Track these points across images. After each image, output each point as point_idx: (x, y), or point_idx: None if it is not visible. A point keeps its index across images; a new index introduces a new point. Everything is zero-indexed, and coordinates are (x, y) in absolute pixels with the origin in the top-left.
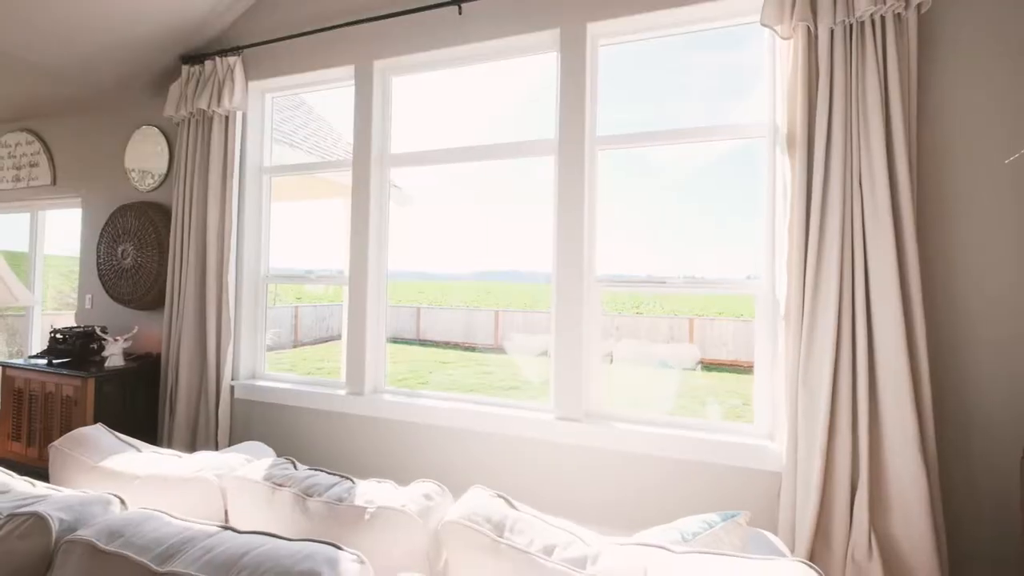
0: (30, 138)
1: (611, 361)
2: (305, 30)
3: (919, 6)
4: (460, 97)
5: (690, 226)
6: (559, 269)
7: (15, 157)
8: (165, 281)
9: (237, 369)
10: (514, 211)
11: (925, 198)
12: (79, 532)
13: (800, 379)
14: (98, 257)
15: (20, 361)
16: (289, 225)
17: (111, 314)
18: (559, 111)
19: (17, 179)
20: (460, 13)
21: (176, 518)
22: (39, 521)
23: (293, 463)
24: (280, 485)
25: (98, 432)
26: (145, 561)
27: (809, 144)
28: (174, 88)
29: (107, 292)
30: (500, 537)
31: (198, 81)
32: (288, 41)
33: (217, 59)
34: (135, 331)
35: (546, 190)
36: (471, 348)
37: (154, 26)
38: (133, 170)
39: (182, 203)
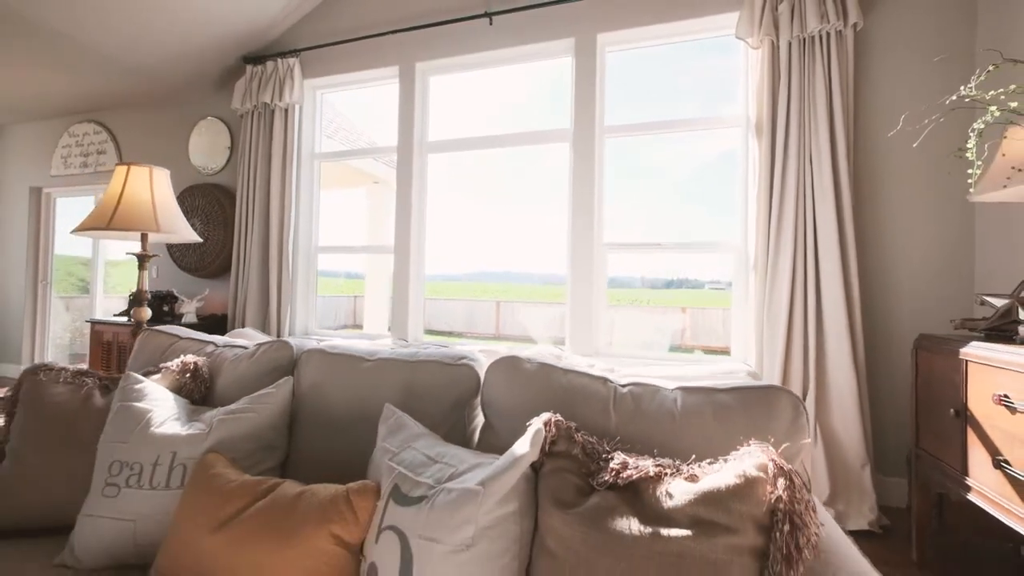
0: (97, 128)
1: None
2: (356, 36)
3: (855, 25)
4: (483, 93)
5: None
6: (573, 236)
7: (83, 145)
8: (231, 252)
9: (293, 326)
10: (520, 208)
11: (860, 173)
12: (309, 347)
13: (765, 313)
14: None
15: (108, 318)
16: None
17: (173, 282)
18: (573, 105)
19: (85, 165)
20: (491, 24)
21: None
22: (284, 343)
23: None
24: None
25: (253, 331)
26: (359, 354)
27: (772, 131)
28: (239, 84)
29: (175, 262)
30: (559, 362)
31: (260, 79)
32: (341, 45)
33: (278, 60)
34: (207, 293)
35: (553, 178)
36: (476, 337)
37: (223, 32)
38: (197, 155)
39: (247, 184)
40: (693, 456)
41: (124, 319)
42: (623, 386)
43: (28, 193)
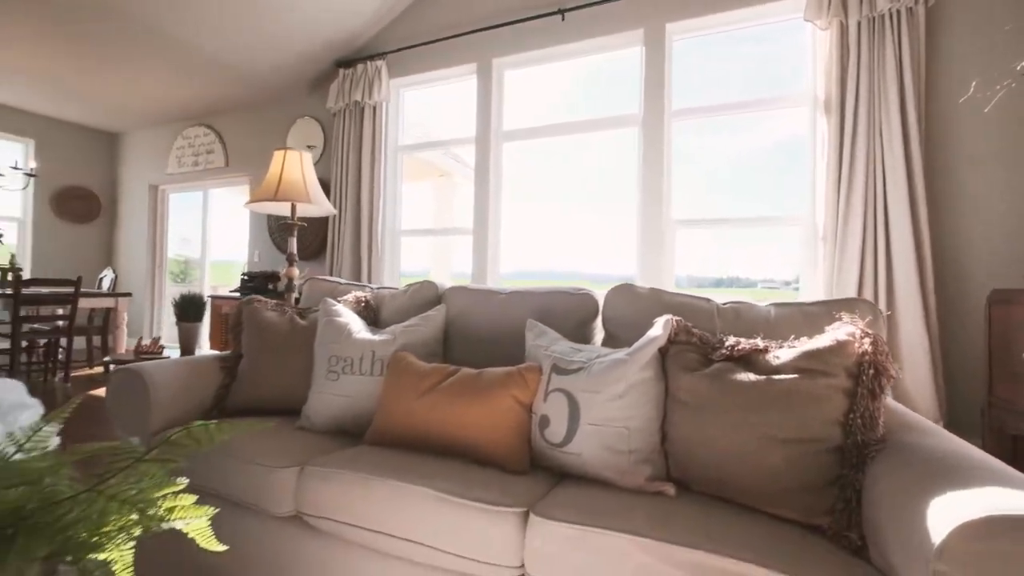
0: (207, 131)
1: None
2: (437, 37)
3: (926, 1)
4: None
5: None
6: (644, 213)
7: (194, 147)
8: (325, 236)
9: None
10: (570, 205)
11: (932, 142)
12: (451, 285)
13: (834, 283)
14: (268, 220)
15: (225, 293)
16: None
17: (273, 263)
18: (643, 91)
19: (196, 164)
20: (563, 20)
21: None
22: (431, 283)
23: None
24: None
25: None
26: (493, 290)
27: (841, 107)
28: (334, 86)
29: (275, 246)
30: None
31: (351, 80)
32: (423, 47)
33: (368, 62)
34: (307, 271)
35: (607, 169)
36: None
37: (320, 39)
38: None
39: (340, 174)
40: (792, 336)
41: (236, 294)
42: (723, 304)
43: (147, 190)
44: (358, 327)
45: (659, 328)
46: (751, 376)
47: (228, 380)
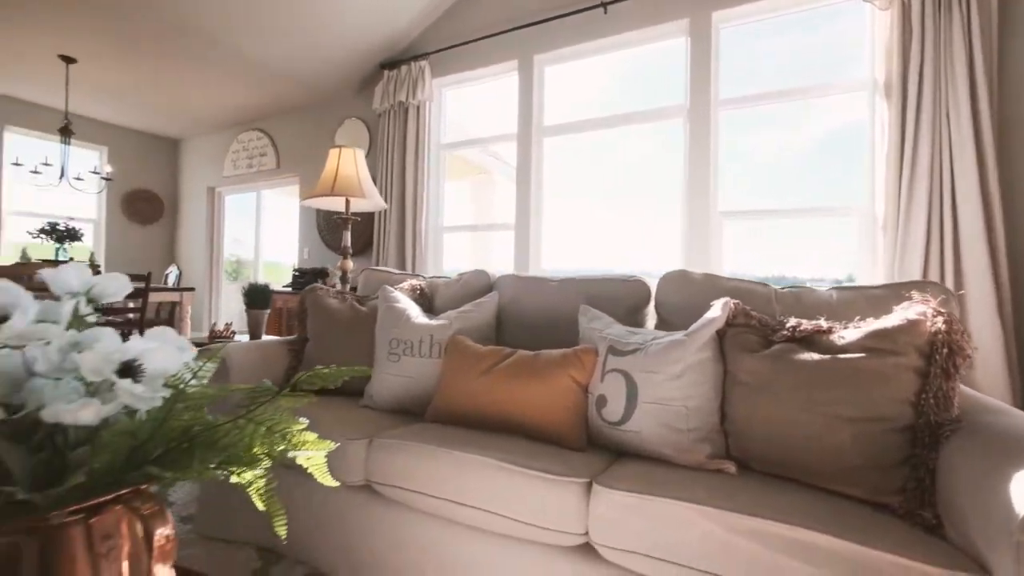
0: (259, 134)
1: None
2: (479, 36)
3: None
4: (588, 79)
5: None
6: (689, 205)
7: (248, 150)
8: (371, 233)
9: None
10: (605, 202)
11: (1005, 123)
12: (502, 274)
13: (895, 273)
14: (317, 219)
15: (279, 288)
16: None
17: (322, 260)
18: (689, 81)
19: (250, 166)
20: (605, 13)
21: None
22: (483, 272)
23: None
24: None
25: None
26: (544, 277)
27: (903, 90)
28: (379, 87)
29: (324, 243)
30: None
31: (396, 81)
32: (465, 46)
33: (412, 63)
34: (352, 266)
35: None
36: None
37: (365, 43)
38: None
39: (385, 172)
40: (857, 317)
41: (289, 289)
42: (781, 289)
43: (205, 192)
44: (415, 313)
45: (717, 310)
46: (814, 356)
47: (295, 362)
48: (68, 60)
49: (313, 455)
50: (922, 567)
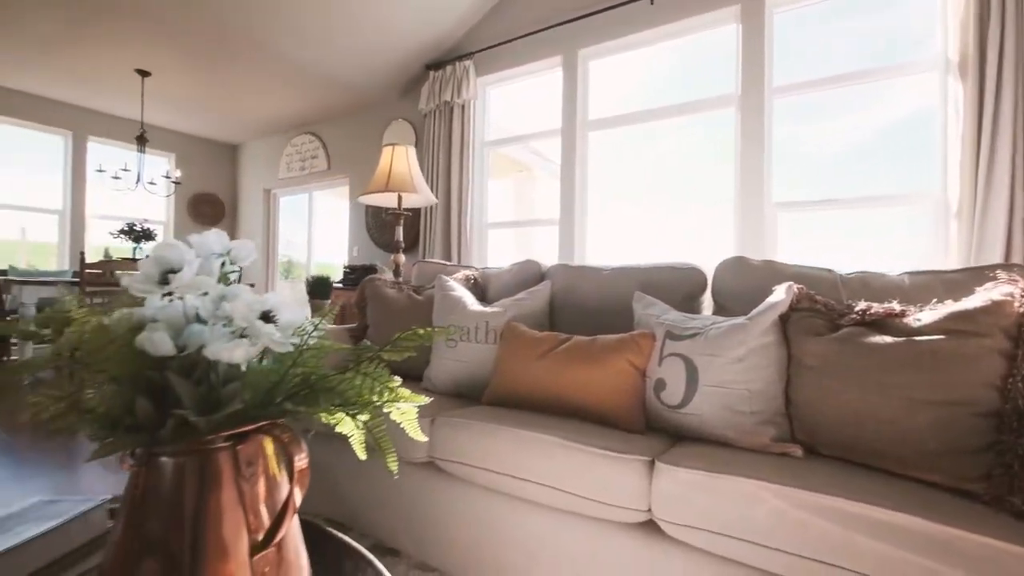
0: (311, 138)
1: None
2: (522, 33)
3: None
4: (632, 71)
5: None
6: (741, 197)
7: (301, 153)
8: (418, 230)
9: None
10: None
11: None
12: (554, 263)
13: (972, 260)
14: (366, 218)
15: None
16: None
17: (370, 258)
18: (740, 70)
19: (302, 168)
20: (652, 3)
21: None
22: (534, 262)
23: None
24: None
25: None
26: (596, 266)
27: (980, 67)
28: (425, 88)
29: (373, 241)
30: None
31: (441, 81)
32: (509, 43)
33: (456, 63)
34: (404, 260)
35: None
36: None
37: (412, 45)
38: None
39: (431, 171)
40: (934, 300)
41: (340, 285)
42: (847, 274)
43: (261, 194)
44: (471, 301)
45: (780, 294)
46: (887, 339)
47: None
48: (143, 74)
49: (406, 410)
50: (1018, 549)
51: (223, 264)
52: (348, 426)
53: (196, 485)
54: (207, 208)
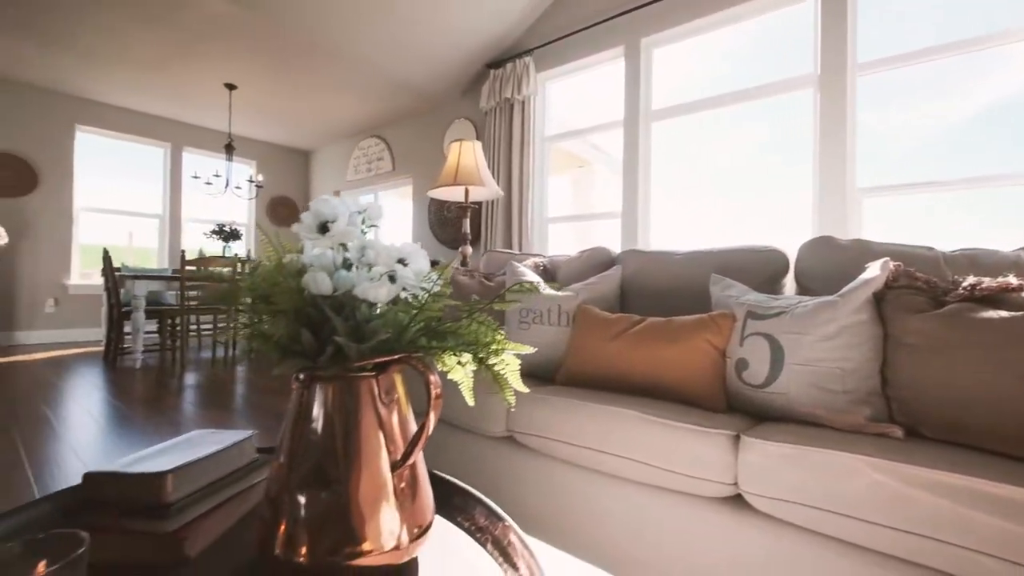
0: (377, 141)
1: None
2: (583, 26)
3: None
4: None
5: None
6: (821, 182)
7: (367, 155)
8: (479, 225)
9: None
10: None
11: None
12: (624, 249)
13: None
14: (428, 214)
15: None
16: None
17: (433, 254)
18: (819, 46)
19: (368, 170)
20: None
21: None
22: (603, 249)
23: None
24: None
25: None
26: (669, 251)
27: None
28: (485, 87)
29: (435, 237)
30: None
31: (501, 79)
32: (568, 37)
33: (516, 60)
34: (471, 251)
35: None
36: None
37: (473, 45)
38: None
39: (492, 167)
40: None
41: None
42: (950, 252)
43: (331, 195)
44: (542, 285)
45: (875, 270)
46: (1002, 314)
47: None
48: (230, 87)
49: (510, 360)
50: None
51: (363, 220)
52: (459, 373)
53: (346, 405)
54: (283, 210)
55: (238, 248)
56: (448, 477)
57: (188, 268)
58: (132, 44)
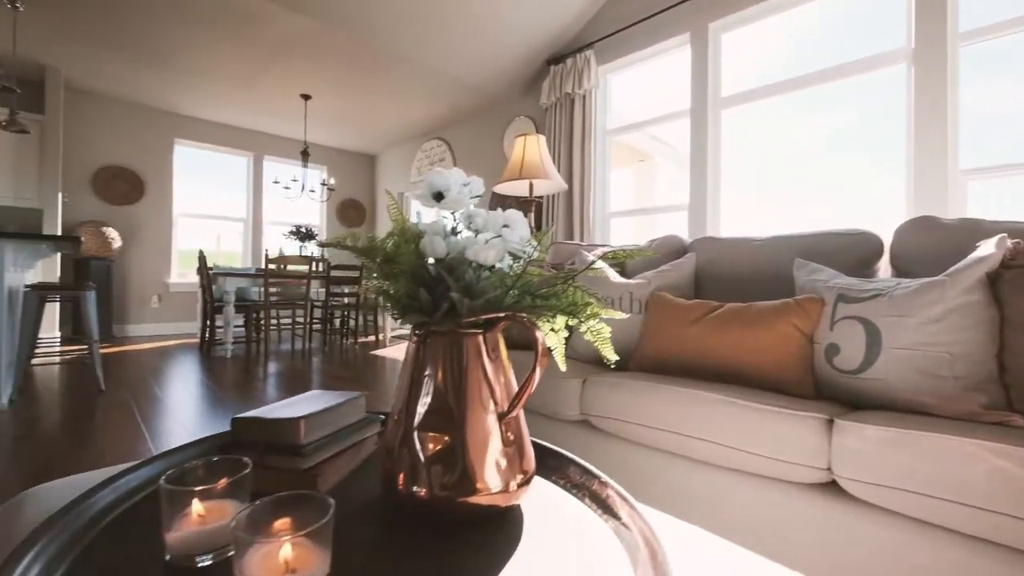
0: (439, 142)
1: None
2: (646, 15)
3: None
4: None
5: None
6: (917, 165)
7: (430, 157)
8: (540, 222)
9: None
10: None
11: None
12: (698, 237)
13: None
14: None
15: None
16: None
17: None
18: (913, 14)
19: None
20: None
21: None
22: (676, 237)
23: None
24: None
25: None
26: (746, 238)
27: None
28: (546, 83)
29: None
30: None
31: (561, 74)
32: (631, 28)
33: (576, 55)
34: None
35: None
36: None
37: (534, 42)
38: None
39: (555, 162)
40: None
41: None
42: None
43: (396, 196)
44: (612, 274)
45: (990, 247)
46: None
47: None
48: (306, 97)
49: (600, 328)
50: None
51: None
52: (553, 339)
53: (458, 358)
54: (352, 212)
55: (313, 247)
56: (541, 441)
57: (271, 266)
58: (223, 62)
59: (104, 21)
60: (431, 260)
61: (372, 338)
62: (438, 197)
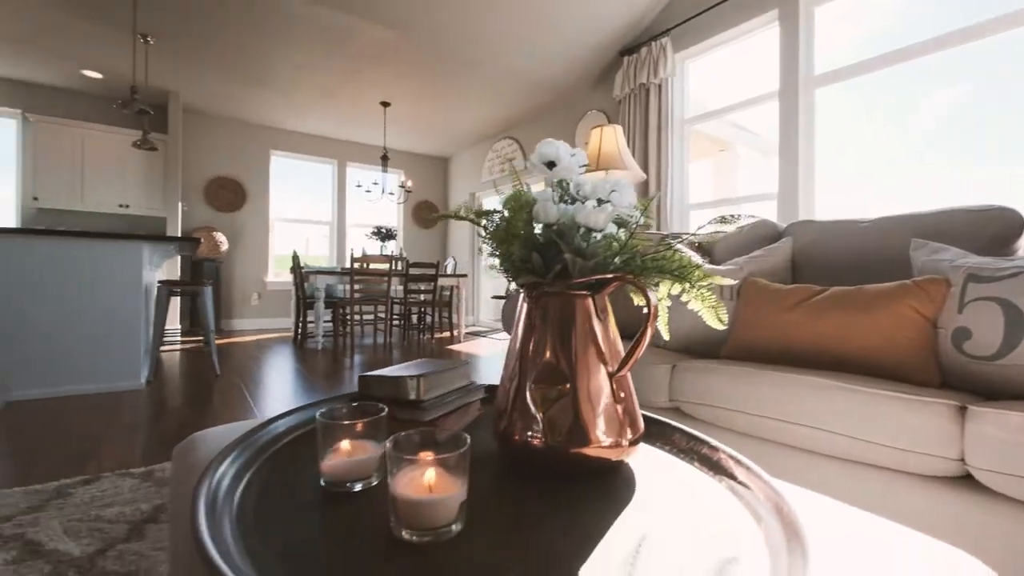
0: (510, 141)
1: None
2: None
3: None
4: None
5: None
6: None
7: (500, 156)
8: None
9: None
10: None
11: None
12: (795, 221)
13: None
14: None
15: None
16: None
17: None
18: None
19: (502, 170)
20: None
21: None
22: (767, 222)
23: None
24: None
25: None
26: (851, 220)
27: None
28: (619, 75)
29: None
30: None
31: (635, 65)
32: (710, 11)
33: (651, 43)
34: None
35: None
36: None
37: (607, 33)
38: (582, 144)
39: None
40: None
41: None
42: None
43: (467, 197)
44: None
45: None
46: None
47: None
48: (385, 104)
49: (707, 296)
50: None
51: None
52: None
53: (569, 316)
54: (426, 213)
55: (392, 247)
56: (643, 411)
57: (356, 264)
58: (311, 75)
59: (218, 48)
60: (538, 228)
61: (447, 334)
62: (550, 165)
